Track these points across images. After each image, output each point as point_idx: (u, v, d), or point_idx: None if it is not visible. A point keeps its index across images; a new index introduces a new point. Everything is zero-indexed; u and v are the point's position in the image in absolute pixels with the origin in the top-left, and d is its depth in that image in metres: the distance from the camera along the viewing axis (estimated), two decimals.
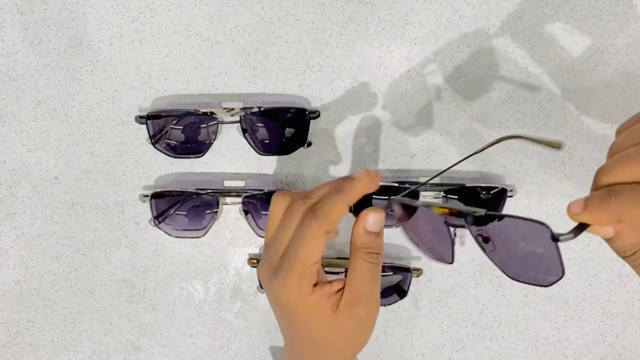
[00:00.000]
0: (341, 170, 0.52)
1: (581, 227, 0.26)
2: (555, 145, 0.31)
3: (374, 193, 0.51)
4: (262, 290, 0.53)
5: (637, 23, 0.50)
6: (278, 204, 0.36)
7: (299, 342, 0.37)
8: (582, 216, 0.26)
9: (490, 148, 0.52)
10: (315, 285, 0.34)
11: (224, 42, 0.50)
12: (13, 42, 0.50)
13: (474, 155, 0.52)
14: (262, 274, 0.36)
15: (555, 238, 0.27)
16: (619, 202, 0.24)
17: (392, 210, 0.51)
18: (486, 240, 0.31)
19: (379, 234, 0.35)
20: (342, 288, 0.35)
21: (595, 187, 0.26)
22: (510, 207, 0.52)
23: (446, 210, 0.31)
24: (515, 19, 0.50)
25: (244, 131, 0.50)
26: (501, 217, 0.29)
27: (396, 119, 0.51)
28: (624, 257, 0.28)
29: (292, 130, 0.50)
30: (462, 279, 0.54)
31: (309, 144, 0.51)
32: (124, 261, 0.53)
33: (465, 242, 0.32)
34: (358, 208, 0.51)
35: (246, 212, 0.51)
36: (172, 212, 0.51)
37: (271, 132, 0.50)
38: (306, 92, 0.51)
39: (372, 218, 0.34)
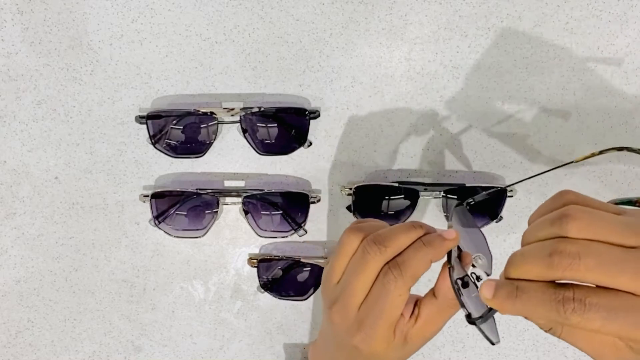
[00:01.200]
0: (341, 170, 0.52)
1: (491, 311, 0.29)
2: None
3: (375, 195, 0.51)
4: (263, 291, 0.53)
5: (637, 23, 0.50)
6: (351, 243, 0.35)
7: None
8: (491, 303, 0.27)
9: (490, 149, 0.52)
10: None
11: (224, 42, 0.50)
12: (13, 42, 0.50)
13: (472, 156, 0.52)
14: (339, 320, 0.35)
15: (470, 321, 0.30)
16: (522, 302, 0.26)
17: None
18: (465, 285, 0.33)
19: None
20: (412, 313, 0.35)
21: (505, 275, 0.28)
22: (510, 207, 0.52)
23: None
24: (515, 19, 0.50)
25: (244, 131, 0.50)
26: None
27: (396, 119, 0.51)
28: (546, 332, 0.29)
29: (292, 130, 0.50)
30: None
31: (309, 144, 0.51)
32: (124, 261, 0.53)
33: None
34: (359, 209, 0.51)
35: (246, 212, 0.51)
36: (172, 212, 0.51)
37: (271, 132, 0.50)
38: (306, 92, 0.51)
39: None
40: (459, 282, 0.32)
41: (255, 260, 0.52)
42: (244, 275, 0.54)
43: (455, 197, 0.51)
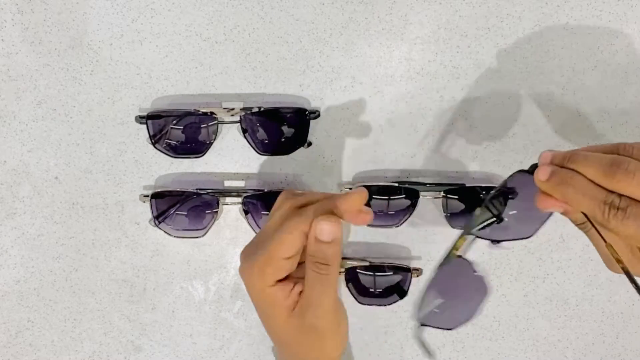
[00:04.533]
0: (341, 170, 0.52)
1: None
2: None
3: (375, 195, 0.51)
4: None
5: (637, 23, 0.50)
6: (278, 200, 0.37)
7: (272, 336, 0.38)
8: (543, 185, 0.31)
9: (490, 149, 0.52)
10: (282, 281, 0.35)
11: (224, 42, 0.50)
12: (13, 42, 0.50)
13: (473, 156, 0.52)
14: (241, 255, 0.37)
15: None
16: (575, 190, 0.30)
17: (391, 211, 0.51)
18: None
19: (331, 244, 0.33)
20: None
21: (562, 160, 0.31)
22: (510, 207, 0.52)
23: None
24: (515, 19, 0.50)
25: (244, 131, 0.50)
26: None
27: (396, 119, 0.51)
28: (576, 225, 0.34)
29: (292, 130, 0.50)
30: None
31: (309, 144, 0.51)
32: (124, 261, 0.53)
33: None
34: None
35: (246, 212, 0.51)
36: (172, 212, 0.51)
37: (271, 132, 0.50)
38: (306, 92, 0.51)
39: (324, 227, 0.33)
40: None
41: None
42: None
43: (456, 197, 0.51)
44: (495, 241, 0.35)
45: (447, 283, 0.35)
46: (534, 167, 0.33)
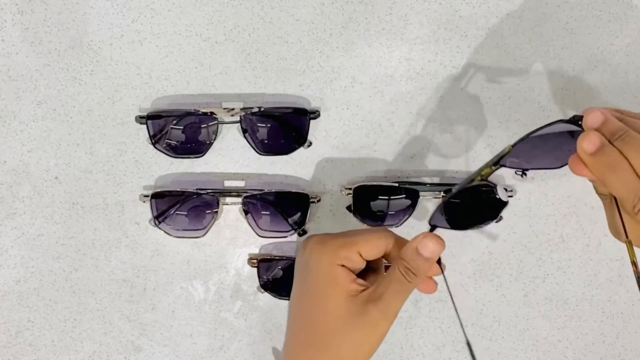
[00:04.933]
0: (341, 170, 0.52)
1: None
2: None
3: (375, 195, 0.51)
4: (263, 291, 0.53)
5: (637, 23, 0.50)
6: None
7: (312, 318, 0.38)
8: (585, 156, 0.30)
9: (490, 149, 0.52)
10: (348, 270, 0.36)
11: (224, 42, 0.50)
12: (13, 42, 0.50)
13: (473, 156, 0.52)
14: (313, 236, 0.37)
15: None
16: (615, 178, 0.29)
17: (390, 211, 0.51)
18: None
19: (427, 260, 0.35)
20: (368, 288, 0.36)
21: (612, 134, 0.30)
22: (510, 207, 0.52)
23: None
24: (515, 19, 0.50)
25: (244, 131, 0.50)
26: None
27: (396, 119, 0.51)
28: (597, 193, 0.34)
29: (292, 130, 0.50)
30: (462, 279, 0.54)
31: (309, 144, 0.51)
32: (124, 261, 0.53)
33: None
34: (359, 209, 0.51)
35: (246, 212, 0.51)
36: (172, 212, 0.51)
37: (271, 132, 0.50)
38: (306, 92, 0.51)
39: (429, 243, 0.35)
40: None
41: (255, 260, 0.52)
42: (244, 275, 0.54)
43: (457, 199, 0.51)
44: (522, 172, 0.35)
45: (464, 198, 0.36)
46: (577, 118, 0.32)
